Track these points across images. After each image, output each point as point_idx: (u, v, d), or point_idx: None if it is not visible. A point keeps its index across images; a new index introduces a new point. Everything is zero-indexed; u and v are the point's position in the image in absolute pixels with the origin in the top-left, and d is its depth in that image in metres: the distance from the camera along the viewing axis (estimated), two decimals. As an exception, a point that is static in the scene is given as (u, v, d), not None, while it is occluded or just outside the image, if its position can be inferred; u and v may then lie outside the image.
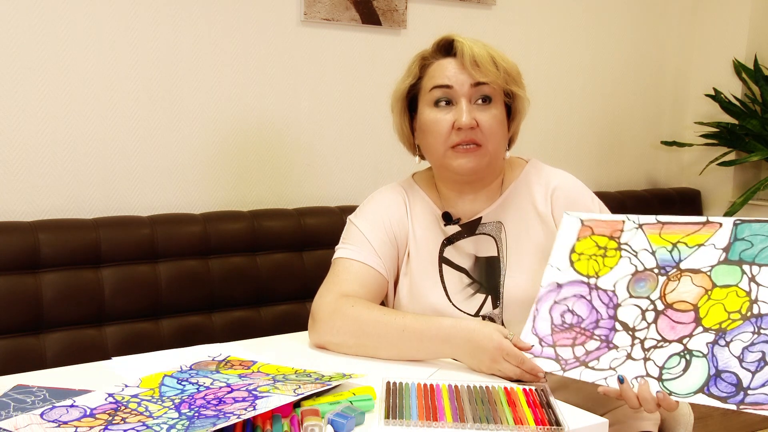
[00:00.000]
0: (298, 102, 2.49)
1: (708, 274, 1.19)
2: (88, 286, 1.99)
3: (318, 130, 2.54)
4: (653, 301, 1.21)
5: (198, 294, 2.14)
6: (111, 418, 1.05)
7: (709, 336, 1.13)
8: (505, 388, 1.19)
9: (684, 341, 1.15)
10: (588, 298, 1.26)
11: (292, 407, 1.08)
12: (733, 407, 1.06)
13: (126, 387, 1.18)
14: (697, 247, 1.22)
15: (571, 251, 1.32)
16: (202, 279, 2.14)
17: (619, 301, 1.24)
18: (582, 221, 1.34)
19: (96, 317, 2.01)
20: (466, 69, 1.40)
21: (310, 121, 2.52)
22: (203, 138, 2.34)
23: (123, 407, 1.09)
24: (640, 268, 1.25)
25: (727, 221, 1.22)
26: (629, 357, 1.18)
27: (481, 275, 1.45)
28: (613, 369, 1.17)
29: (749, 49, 3.34)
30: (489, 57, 1.41)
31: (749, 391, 1.06)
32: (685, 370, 1.12)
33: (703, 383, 1.10)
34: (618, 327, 1.22)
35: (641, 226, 1.28)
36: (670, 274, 1.22)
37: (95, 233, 2.02)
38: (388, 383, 1.19)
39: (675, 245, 1.24)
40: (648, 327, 1.19)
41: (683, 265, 1.22)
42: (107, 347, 1.99)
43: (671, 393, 1.11)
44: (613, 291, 1.25)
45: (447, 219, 1.49)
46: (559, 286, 1.30)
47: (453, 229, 1.49)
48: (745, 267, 1.16)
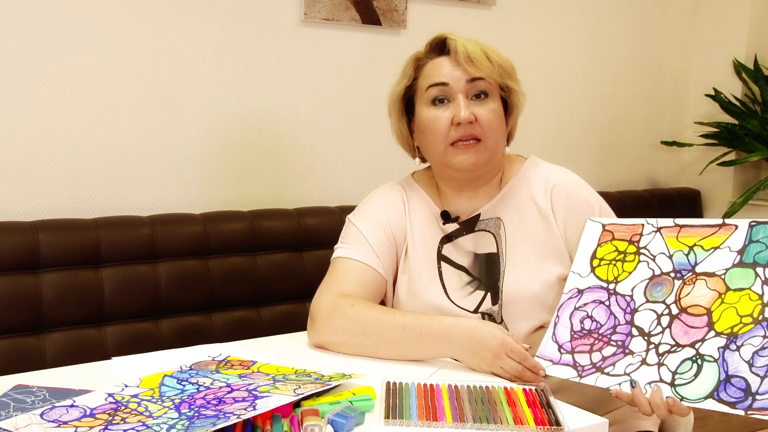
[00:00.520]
0: (298, 102, 2.49)
1: (722, 277, 1.18)
2: (88, 286, 1.99)
3: (318, 130, 2.54)
4: (668, 306, 1.21)
5: (198, 294, 2.14)
6: (111, 418, 1.05)
7: (721, 340, 1.12)
8: (505, 388, 1.19)
9: (696, 346, 1.14)
10: (607, 303, 1.26)
11: (292, 407, 1.08)
12: (741, 413, 1.05)
13: (126, 387, 1.18)
14: (713, 250, 1.21)
15: (593, 257, 1.32)
16: (202, 279, 2.14)
17: (636, 306, 1.24)
18: (603, 226, 1.34)
19: (96, 317, 2.01)
20: (460, 65, 1.40)
21: (310, 121, 2.52)
22: (203, 138, 2.34)
23: (123, 407, 1.09)
24: (657, 272, 1.25)
25: (743, 223, 1.21)
26: (644, 362, 1.17)
27: (481, 272, 1.45)
28: (628, 375, 1.17)
29: (749, 49, 3.34)
30: (482, 52, 1.41)
31: (758, 396, 1.05)
32: (697, 375, 1.12)
33: (713, 388, 1.09)
34: (634, 332, 1.21)
35: (660, 229, 1.28)
36: (685, 277, 1.21)
37: (95, 233, 2.02)
38: (388, 383, 1.19)
39: (691, 248, 1.23)
40: (662, 332, 1.19)
41: (699, 269, 1.21)
42: (107, 347, 1.99)
43: (683, 398, 1.11)
44: (631, 296, 1.25)
45: (445, 217, 1.49)
46: (580, 292, 1.30)
47: (452, 227, 1.49)
48: (759, 270, 1.15)
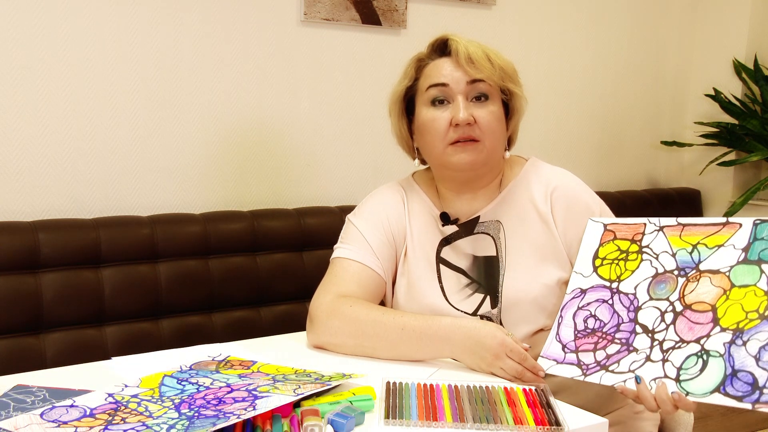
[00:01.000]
0: (297, 102, 2.49)
1: (727, 274, 1.18)
2: (88, 286, 1.99)
3: (318, 130, 2.54)
4: (672, 303, 1.21)
5: (198, 294, 2.14)
6: (111, 418, 1.05)
7: (727, 336, 1.13)
8: (505, 388, 1.19)
9: (701, 341, 1.14)
10: (610, 302, 1.26)
11: (292, 407, 1.08)
12: (749, 406, 1.05)
13: (126, 387, 1.18)
14: (717, 248, 1.21)
15: (595, 256, 1.32)
16: (202, 279, 2.14)
17: (640, 304, 1.24)
18: (605, 226, 1.35)
19: (96, 317, 2.01)
20: (461, 67, 1.40)
21: (310, 121, 2.52)
22: (203, 138, 2.34)
23: (123, 407, 1.09)
24: (660, 270, 1.25)
25: (747, 221, 1.21)
26: (648, 359, 1.17)
27: (480, 275, 1.45)
28: (633, 371, 1.17)
29: (749, 49, 3.34)
30: (484, 54, 1.40)
31: (765, 390, 1.05)
32: (702, 370, 1.12)
33: (720, 383, 1.09)
34: (638, 330, 1.21)
35: (662, 228, 1.28)
36: (689, 275, 1.22)
37: (95, 233, 2.02)
38: (387, 383, 1.19)
39: (695, 246, 1.24)
40: (667, 328, 1.19)
41: (703, 266, 1.21)
42: (107, 347, 1.99)
43: (688, 393, 1.11)
44: (634, 294, 1.25)
45: (444, 219, 1.48)
46: (583, 291, 1.30)
47: (451, 229, 1.48)
48: (764, 266, 1.16)
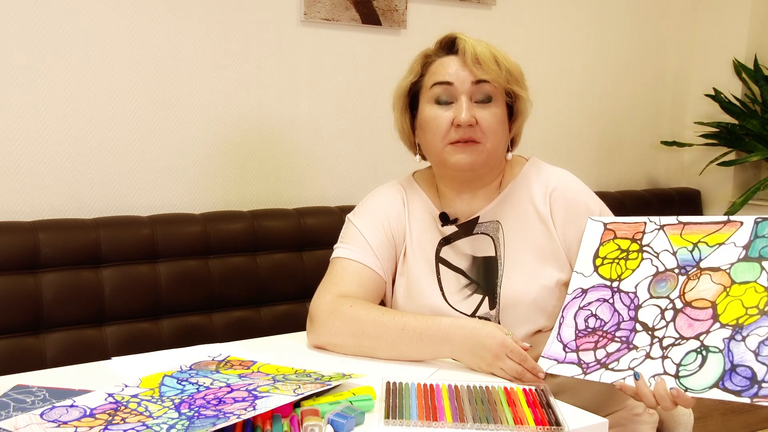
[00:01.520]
0: (297, 102, 2.49)
1: (727, 271, 1.19)
2: (88, 286, 1.99)
3: (318, 130, 2.54)
4: (672, 300, 1.21)
5: (198, 294, 2.14)
6: (111, 418, 1.05)
7: (726, 332, 1.13)
8: (505, 388, 1.19)
9: (701, 338, 1.15)
10: (611, 301, 1.27)
11: (292, 407, 1.08)
12: (747, 400, 1.05)
13: (126, 387, 1.18)
14: (718, 246, 1.22)
15: (595, 256, 1.32)
16: (202, 279, 2.14)
17: (640, 303, 1.24)
18: (605, 225, 1.35)
19: (96, 317, 2.01)
20: (467, 66, 1.39)
21: (309, 121, 2.52)
22: (203, 138, 2.34)
23: (123, 407, 1.09)
24: (661, 269, 1.25)
25: (748, 219, 1.22)
26: (648, 356, 1.18)
27: (479, 275, 1.44)
28: (632, 369, 1.17)
29: (749, 49, 3.34)
30: (491, 55, 1.40)
31: (763, 384, 1.05)
32: (701, 366, 1.12)
33: (718, 378, 1.09)
34: (638, 328, 1.22)
35: (662, 227, 1.28)
36: (690, 273, 1.22)
37: (95, 233, 2.02)
38: (387, 383, 1.19)
39: (696, 245, 1.24)
40: (666, 326, 1.19)
41: (703, 264, 1.21)
42: (107, 347, 1.99)
43: (687, 389, 1.11)
44: (635, 293, 1.26)
45: (444, 219, 1.48)
46: (584, 291, 1.30)
47: (450, 230, 1.48)
48: (765, 263, 1.16)
